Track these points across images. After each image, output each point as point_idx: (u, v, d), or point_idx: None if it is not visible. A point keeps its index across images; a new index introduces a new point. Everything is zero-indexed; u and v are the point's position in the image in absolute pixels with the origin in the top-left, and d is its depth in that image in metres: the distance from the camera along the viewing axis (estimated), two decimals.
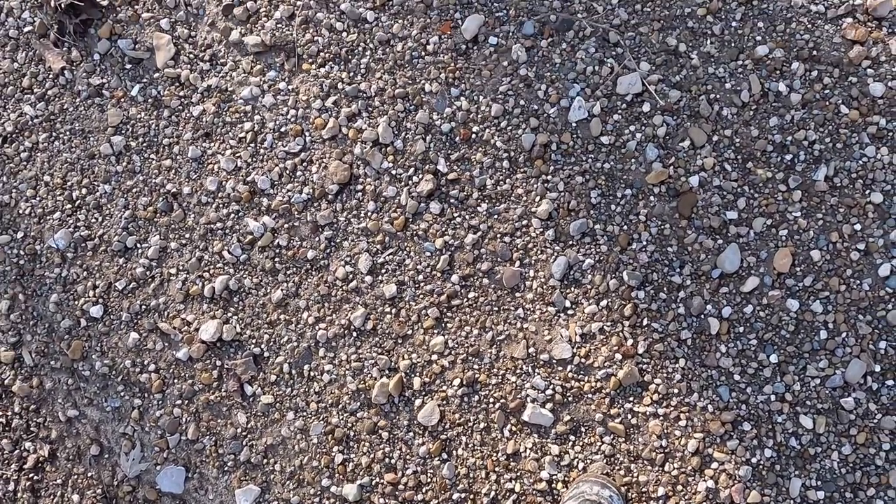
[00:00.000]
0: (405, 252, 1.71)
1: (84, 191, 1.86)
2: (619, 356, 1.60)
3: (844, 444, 1.51)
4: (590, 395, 1.59)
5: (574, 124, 1.72)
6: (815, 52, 1.69)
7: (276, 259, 1.75)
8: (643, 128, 1.70)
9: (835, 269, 1.58)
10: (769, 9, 1.74)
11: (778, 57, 1.70)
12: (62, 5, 1.89)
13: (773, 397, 1.54)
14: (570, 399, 1.60)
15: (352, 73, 1.81)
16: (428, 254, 1.70)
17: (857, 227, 1.59)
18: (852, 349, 1.54)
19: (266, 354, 1.71)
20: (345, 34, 1.83)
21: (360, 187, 1.75)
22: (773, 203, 1.63)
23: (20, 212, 1.88)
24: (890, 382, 1.52)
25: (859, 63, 1.67)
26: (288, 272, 1.74)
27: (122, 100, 1.89)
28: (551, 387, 1.60)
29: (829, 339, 1.56)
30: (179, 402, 1.72)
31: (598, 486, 1.46)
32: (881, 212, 1.59)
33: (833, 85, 1.67)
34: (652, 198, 1.66)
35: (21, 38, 1.97)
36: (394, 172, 1.75)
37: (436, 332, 1.67)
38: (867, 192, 1.60)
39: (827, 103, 1.66)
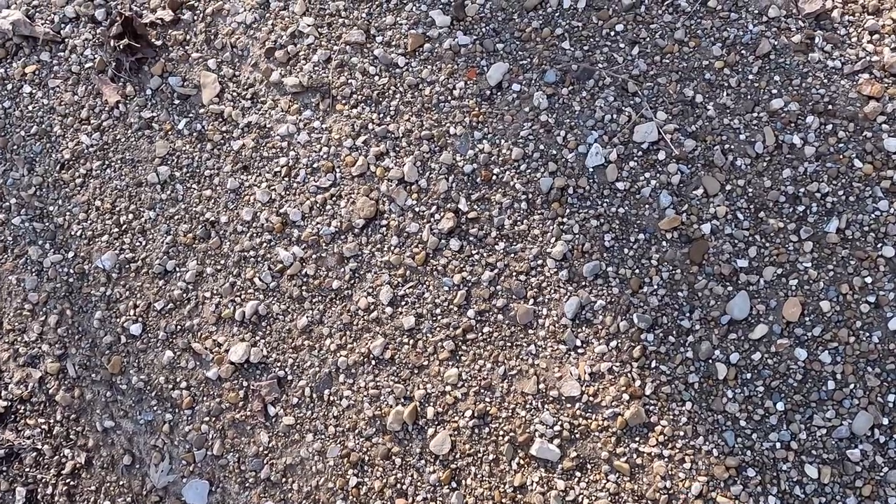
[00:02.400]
0: (425, 286, 1.72)
1: (131, 216, 1.92)
2: (626, 396, 1.57)
3: (849, 495, 1.46)
4: (597, 434, 1.57)
5: (591, 169, 1.72)
6: (830, 107, 1.66)
7: (304, 287, 1.78)
8: (658, 175, 1.69)
9: (844, 321, 1.54)
10: (786, 63, 1.72)
11: (793, 110, 1.67)
12: (121, 45, 1.97)
13: (778, 445, 1.50)
14: (577, 436, 1.58)
15: (382, 115, 1.84)
16: (446, 288, 1.71)
17: (868, 279, 1.55)
18: (860, 401, 1.50)
19: (289, 378, 1.73)
20: (377, 78, 1.87)
21: (384, 222, 1.77)
22: (784, 253, 1.59)
23: (72, 233, 1.94)
24: None
25: (874, 118, 1.64)
26: (314, 300, 1.76)
27: (170, 133, 1.95)
28: (559, 423, 1.58)
29: (837, 389, 1.51)
30: (207, 418, 1.75)
31: None
32: (893, 265, 1.55)
33: (847, 139, 1.64)
34: (664, 243, 1.65)
35: (82, 73, 2.05)
36: (417, 210, 1.76)
37: (451, 364, 1.67)
38: (879, 245, 1.56)
39: (841, 157, 1.63)
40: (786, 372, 1.54)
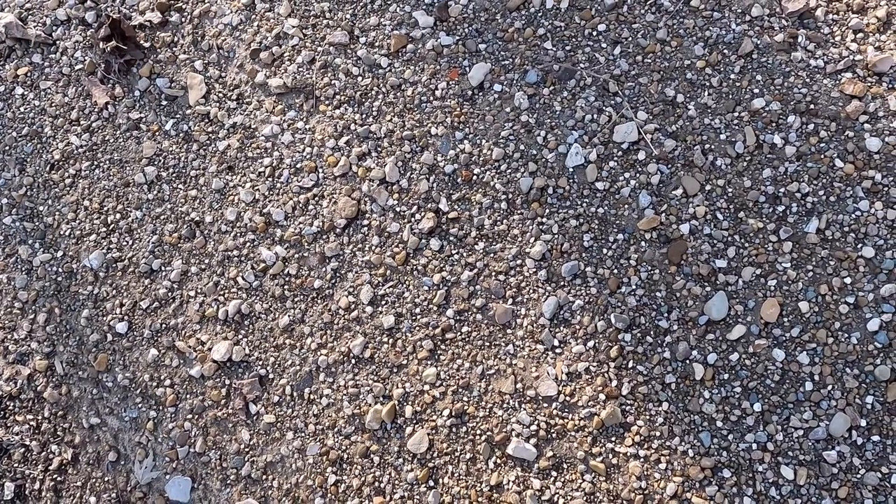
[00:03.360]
0: (405, 285, 1.71)
1: (118, 216, 1.91)
2: (603, 396, 1.55)
3: (825, 497, 1.43)
4: (573, 433, 1.55)
5: (571, 169, 1.69)
6: (812, 106, 1.63)
7: (286, 286, 1.77)
8: (637, 175, 1.66)
9: (823, 322, 1.51)
10: (768, 62, 1.68)
11: (774, 110, 1.64)
12: (110, 47, 1.96)
13: (754, 446, 1.47)
14: (553, 435, 1.55)
15: (364, 115, 1.83)
16: (426, 288, 1.69)
17: (847, 280, 1.52)
18: (838, 402, 1.46)
19: (271, 376, 1.72)
20: (360, 78, 1.85)
21: (366, 222, 1.76)
22: (763, 253, 1.56)
23: (61, 233, 1.94)
24: (875, 438, 1.44)
25: (857, 117, 1.60)
26: (295, 299, 1.75)
27: (157, 133, 1.95)
28: (536, 422, 1.56)
29: (815, 390, 1.48)
30: (190, 416, 1.74)
31: None
32: (872, 266, 1.51)
33: (829, 138, 1.61)
34: (643, 243, 1.62)
35: (72, 74, 2.05)
36: (398, 209, 1.75)
37: (429, 363, 1.65)
38: (859, 245, 1.53)
39: (822, 156, 1.60)
40: (763, 373, 1.51)
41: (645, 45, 1.75)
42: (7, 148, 2.05)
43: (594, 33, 1.78)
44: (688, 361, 1.54)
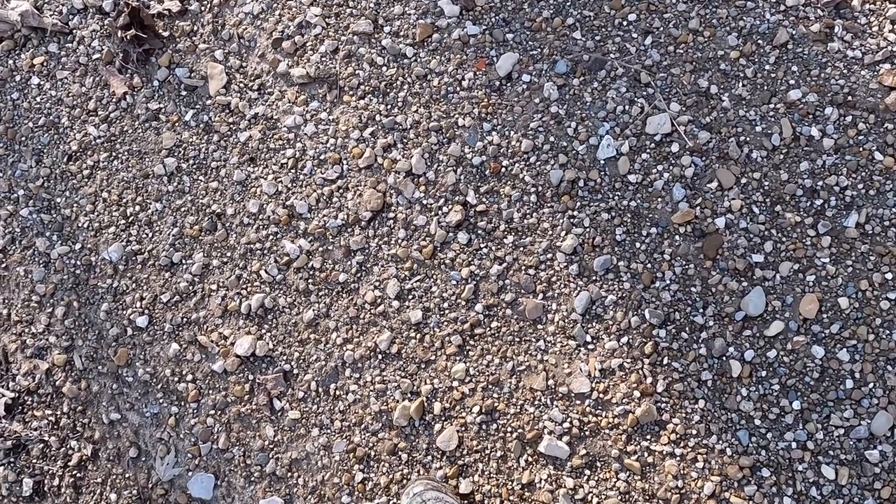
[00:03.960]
0: (432, 279, 1.66)
1: (137, 208, 1.86)
2: (637, 393, 1.50)
3: (868, 497, 1.38)
4: (607, 431, 1.50)
5: (602, 162, 1.64)
6: (850, 98, 1.58)
7: (310, 280, 1.72)
8: (671, 168, 1.61)
9: (863, 318, 1.46)
10: (804, 53, 1.63)
11: (811, 101, 1.59)
12: (128, 36, 1.91)
13: (794, 444, 1.43)
14: (586, 433, 1.51)
15: (389, 106, 1.77)
16: (454, 282, 1.64)
17: (889, 275, 1.47)
18: (879, 400, 1.42)
19: (295, 371, 1.67)
20: (384, 68, 1.80)
21: (391, 215, 1.71)
22: (801, 248, 1.52)
23: (79, 225, 1.89)
24: None
25: None
26: (320, 293, 1.70)
27: (177, 124, 1.89)
28: (569, 420, 1.52)
29: (856, 388, 1.43)
30: (213, 412, 1.70)
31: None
32: None
33: (868, 131, 1.56)
34: (677, 237, 1.57)
35: (90, 64, 2.00)
36: (425, 202, 1.70)
37: (458, 359, 1.60)
38: None
39: (861, 149, 1.55)
40: (802, 370, 1.46)
41: (677, 35, 1.70)
42: (23, 138, 1.99)
43: (624, 23, 1.73)
44: (724, 358, 1.49)
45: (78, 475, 1.76)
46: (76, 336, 1.83)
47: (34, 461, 1.78)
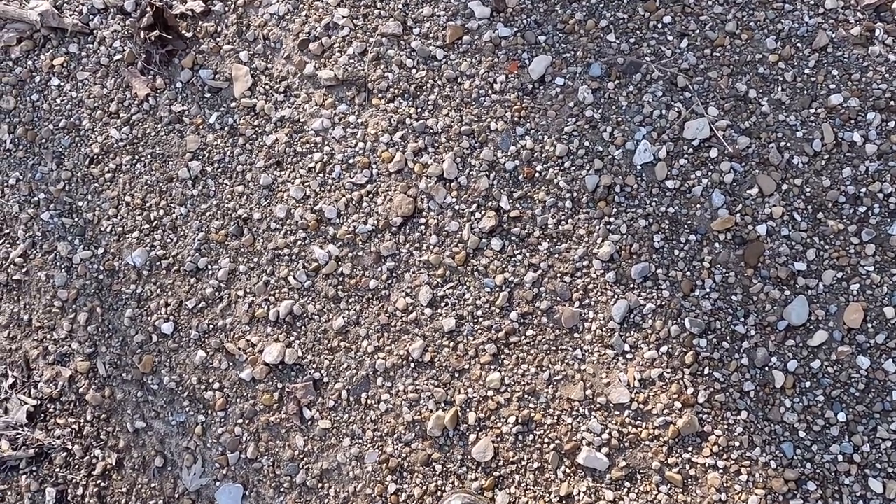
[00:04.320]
0: (465, 287, 1.62)
1: (161, 212, 1.82)
2: (678, 404, 1.47)
3: None
4: (647, 443, 1.47)
5: (639, 167, 1.61)
6: (892, 102, 1.55)
7: (339, 287, 1.68)
8: (710, 173, 1.57)
9: None
10: (844, 57, 1.60)
11: (853, 106, 1.56)
12: (152, 37, 1.87)
13: (840, 457, 1.39)
14: (626, 445, 1.47)
15: (419, 109, 1.74)
16: (487, 289, 1.61)
17: None
18: None
19: (325, 380, 1.64)
20: (414, 71, 1.76)
21: (423, 221, 1.67)
22: (845, 256, 1.48)
23: (102, 229, 1.85)
24: None
25: None
26: (350, 300, 1.67)
27: (201, 127, 1.85)
28: (608, 431, 1.48)
29: None
30: (241, 421, 1.66)
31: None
32: None
33: None
34: (717, 244, 1.54)
35: (111, 65, 1.95)
36: (457, 207, 1.66)
37: (493, 368, 1.57)
38: None
39: None
40: (847, 381, 1.43)
41: (713, 38, 1.66)
42: (44, 140, 1.95)
43: (659, 25, 1.69)
44: (767, 368, 1.46)
45: (102, 485, 1.72)
46: (99, 342, 1.79)
47: (57, 470, 1.74)
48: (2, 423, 1.76)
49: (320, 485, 1.60)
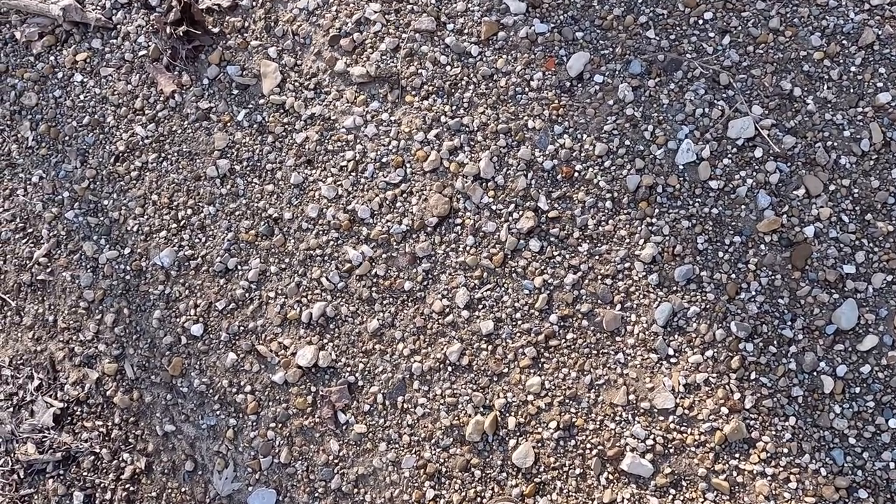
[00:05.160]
0: (503, 289, 1.59)
1: (189, 211, 1.79)
2: (725, 410, 1.44)
3: None
4: (693, 449, 1.44)
5: (681, 167, 1.57)
6: None
7: (374, 288, 1.65)
8: (755, 174, 1.54)
9: None
10: (891, 54, 1.56)
11: None
12: (178, 32, 1.83)
13: (892, 465, 1.37)
14: (671, 451, 1.45)
15: (454, 107, 1.70)
16: (526, 291, 1.58)
17: None
18: None
19: (360, 383, 1.61)
20: (448, 68, 1.72)
21: (459, 221, 1.64)
22: (895, 258, 1.45)
23: (128, 229, 1.82)
24: None
25: None
26: (385, 302, 1.63)
27: (229, 124, 1.82)
28: (652, 437, 1.45)
29: None
30: (273, 424, 1.63)
31: None
32: None
33: None
34: (763, 246, 1.50)
35: (136, 61, 1.92)
36: (494, 208, 1.63)
37: (532, 371, 1.54)
38: None
39: None
40: None
41: (756, 35, 1.62)
42: (67, 138, 1.91)
43: (700, 21, 1.65)
44: (815, 373, 1.43)
45: (131, 489, 1.69)
46: (127, 344, 1.76)
47: (84, 474, 1.71)
48: (28, 425, 1.73)
49: (356, 490, 1.57)
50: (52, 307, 1.83)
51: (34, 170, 1.92)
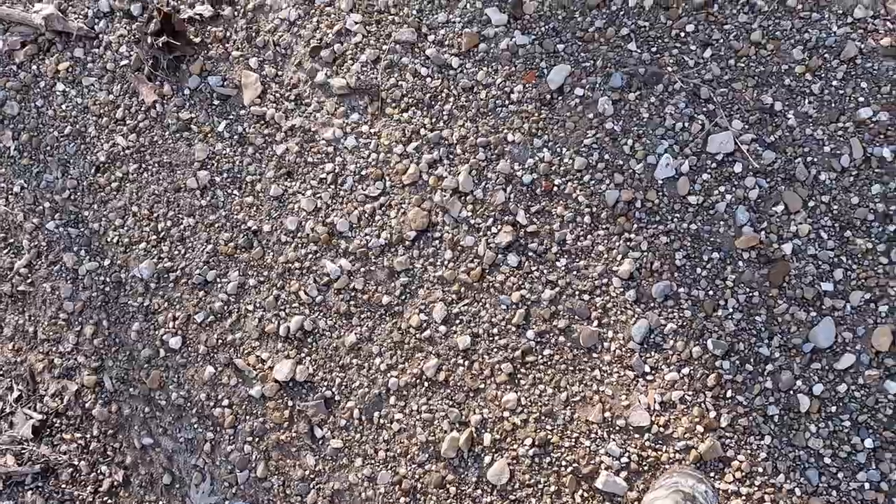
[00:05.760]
0: (481, 304, 1.58)
1: (169, 223, 1.79)
2: (700, 428, 1.43)
3: None
4: (667, 467, 1.43)
5: (660, 182, 1.56)
6: None
7: (352, 302, 1.64)
8: (734, 189, 1.53)
9: None
10: (874, 68, 1.55)
11: (882, 120, 1.51)
12: (159, 42, 1.83)
13: (867, 485, 1.36)
14: (646, 469, 1.44)
15: (434, 120, 1.69)
16: (503, 307, 1.57)
17: None
18: None
19: (337, 398, 1.61)
20: (429, 80, 1.72)
21: (437, 235, 1.63)
22: (873, 276, 1.44)
23: (108, 240, 1.82)
24: None
25: None
26: (362, 316, 1.63)
27: (209, 135, 1.81)
28: (627, 454, 1.45)
29: None
30: (250, 438, 1.63)
31: (694, 480, 1.32)
32: None
33: None
34: (741, 263, 1.50)
35: (117, 70, 1.91)
36: (472, 222, 1.62)
37: (509, 388, 1.53)
38: None
39: None
40: (875, 406, 1.39)
41: (738, 48, 1.61)
42: (49, 148, 1.91)
43: (682, 34, 1.64)
44: (792, 392, 1.42)
45: (109, 502, 1.69)
46: (106, 356, 1.76)
47: (63, 486, 1.72)
48: (7, 437, 1.74)
49: None
50: (33, 318, 1.83)
51: (16, 179, 1.92)
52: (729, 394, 1.44)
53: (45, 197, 1.89)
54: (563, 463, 1.48)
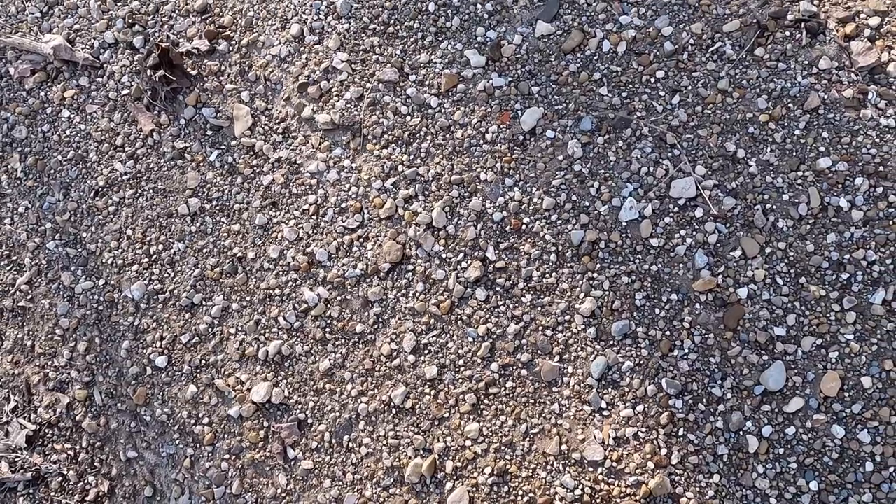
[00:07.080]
0: (449, 335, 1.66)
1: (160, 247, 1.89)
2: (651, 464, 1.50)
3: None
4: (618, 501, 1.50)
5: (624, 224, 1.63)
6: (881, 168, 1.55)
7: (327, 329, 1.73)
8: (694, 233, 1.60)
9: (886, 399, 1.44)
10: (836, 119, 1.60)
11: (841, 170, 1.57)
12: (157, 76, 1.94)
13: None
14: (598, 501, 1.51)
15: (412, 156, 1.78)
16: (470, 339, 1.65)
17: None
18: None
19: (310, 421, 1.69)
20: (409, 118, 1.80)
21: (410, 268, 1.72)
22: (825, 323, 1.49)
23: (104, 261, 1.93)
24: None
25: None
26: (337, 343, 1.72)
27: (202, 164, 1.92)
28: (580, 487, 1.52)
29: (875, 472, 1.41)
30: (227, 456, 1.72)
31: None
32: None
33: None
34: (698, 305, 1.56)
35: (119, 99, 2.03)
36: (444, 256, 1.70)
37: (472, 417, 1.61)
38: None
39: (891, 223, 1.52)
40: (821, 449, 1.44)
41: (705, 95, 1.68)
42: (52, 171, 2.03)
43: (652, 80, 1.72)
44: (741, 433, 1.48)
45: None
46: (97, 372, 1.87)
47: (53, 494, 1.82)
48: (2, 445, 1.85)
49: None
50: (31, 333, 1.95)
51: (21, 200, 2.04)
52: (681, 432, 1.51)
53: (47, 218, 2.01)
54: (520, 493, 1.55)
